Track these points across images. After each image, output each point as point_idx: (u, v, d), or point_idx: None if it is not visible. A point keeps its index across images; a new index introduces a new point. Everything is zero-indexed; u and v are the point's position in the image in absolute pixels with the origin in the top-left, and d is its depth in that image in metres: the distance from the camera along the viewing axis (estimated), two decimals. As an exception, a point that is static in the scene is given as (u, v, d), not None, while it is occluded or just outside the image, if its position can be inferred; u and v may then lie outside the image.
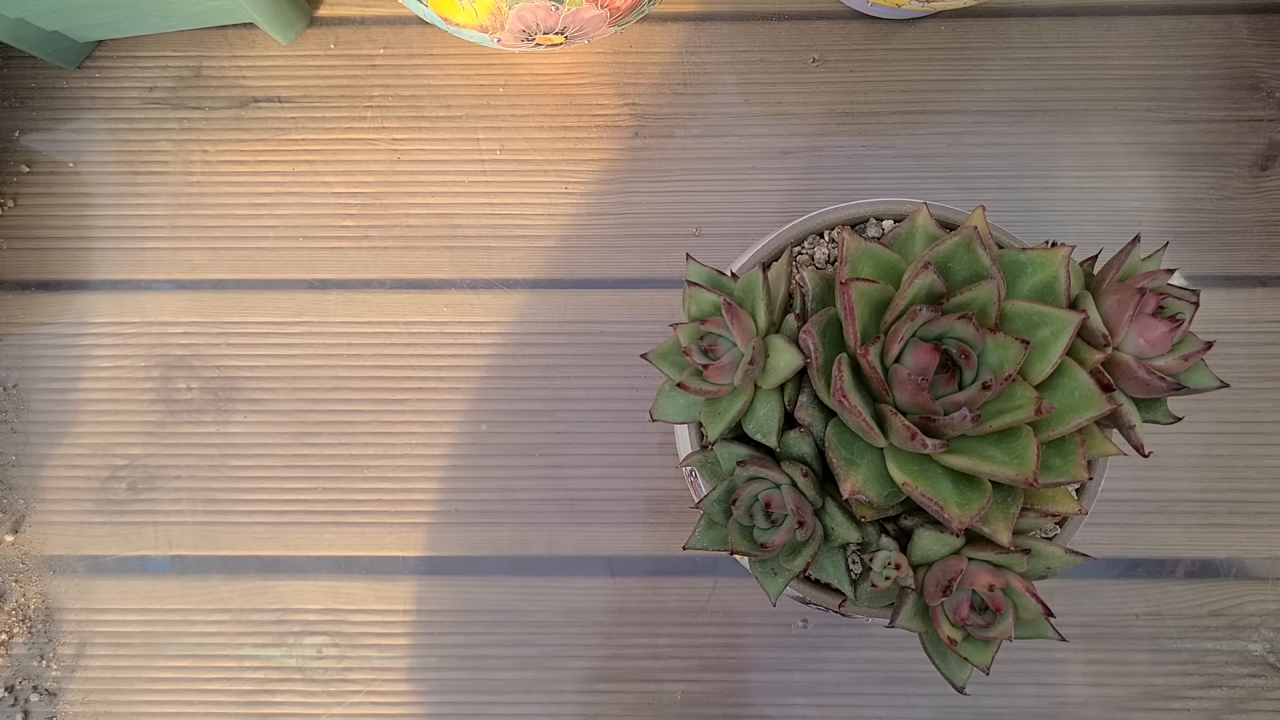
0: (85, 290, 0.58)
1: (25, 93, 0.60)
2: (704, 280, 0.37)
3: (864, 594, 0.36)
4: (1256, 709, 0.52)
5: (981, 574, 0.33)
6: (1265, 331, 0.56)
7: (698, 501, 0.37)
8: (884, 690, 0.53)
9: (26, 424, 0.56)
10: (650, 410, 0.39)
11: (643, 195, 0.58)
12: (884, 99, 0.59)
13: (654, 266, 0.57)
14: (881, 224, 0.43)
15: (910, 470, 0.32)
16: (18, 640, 0.54)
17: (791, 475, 0.35)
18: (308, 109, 0.59)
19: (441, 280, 0.57)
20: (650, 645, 0.54)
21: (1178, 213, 0.57)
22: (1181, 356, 0.33)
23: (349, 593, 0.54)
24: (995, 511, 0.33)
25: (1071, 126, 0.58)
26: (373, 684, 0.53)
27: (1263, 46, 0.59)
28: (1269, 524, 0.54)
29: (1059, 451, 0.33)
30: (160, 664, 0.54)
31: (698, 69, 0.59)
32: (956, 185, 0.58)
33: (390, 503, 0.55)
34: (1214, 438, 0.55)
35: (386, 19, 0.60)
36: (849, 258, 0.34)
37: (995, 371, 0.32)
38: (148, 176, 0.59)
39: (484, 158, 0.59)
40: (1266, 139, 0.58)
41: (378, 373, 0.56)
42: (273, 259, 0.58)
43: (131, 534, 0.55)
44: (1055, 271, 0.33)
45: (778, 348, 0.35)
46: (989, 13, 0.60)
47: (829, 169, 0.58)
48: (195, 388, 0.56)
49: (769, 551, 0.35)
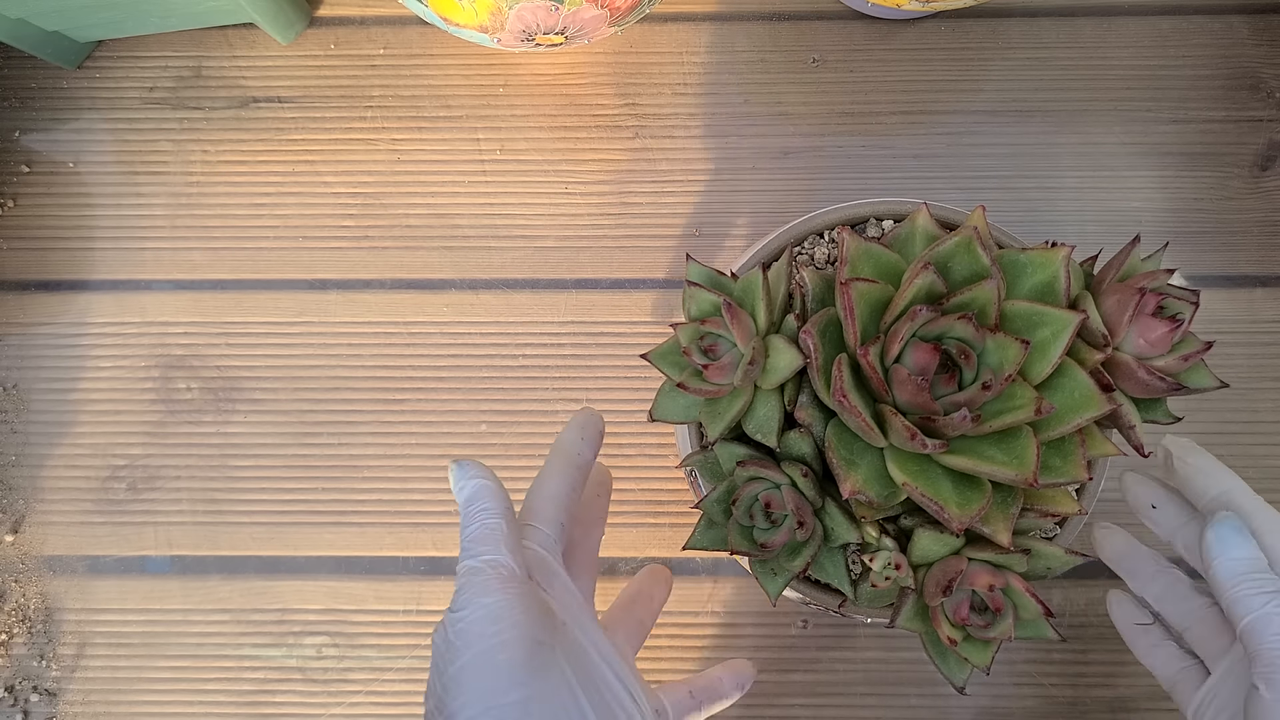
0: (85, 290, 0.58)
1: (25, 93, 0.60)
2: (704, 280, 0.37)
3: (864, 594, 0.36)
4: (1256, 709, 0.52)
5: (981, 574, 0.33)
6: (1265, 332, 0.56)
7: (697, 501, 0.37)
8: (884, 690, 0.53)
9: (26, 424, 0.56)
10: (650, 410, 0.39)
11: (643, 195, 0.58)
12: (884, 99, 0.59)
13: (654, 267, 0.57)
14: (882, 224, 0.43)
15: (910, 470, 0.32)
16: (18, 640, 0.54)
17: (791, 475, 0.35)
18: (308, 109, 0.59)
19: (441, 280, 0.57)
20: (650, 645, 0.53)
21: (1178, 213, 0.57)
22: (1181, 356, 0.33)
23: (349, 593, 0.54)
24: (995, 512, 0.33)
25: (1071, 126, 0.58)
26: (373, 684, 0.53)
27: (1263, 46, 0.59)
28: (1269, 524, 0.54)
29: (1059, 452, 0.33)
30: (160, 664, 0.54)
31: (698, 69, 0.59)
32: (956, 185, 0.58)
33: (390, 503, 0.55)
34: (1214, 438, 0.55)
35: (386, 19, 0.60)
36: (849, 258, 0.34)
37: (995, 371, 0.32)
38: (148, 176, 0.59)
39: (484, 158, 0.59)
40: (1266, 139, 0.58)
41: (378, 373, 0.56)
42: (273, 259, 0.58)
43: (131, 534, 0.55)
44: (1055, 271, 0.33)
45: (778, 348, 0.35)
46: (989, 13, 0.60)
47: (829, 169, 0.58)
48: (195, 388, 0.56)
49: (769, 552, 0.35)
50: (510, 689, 0.32)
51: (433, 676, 0.34)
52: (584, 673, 0.35)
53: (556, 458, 0.40)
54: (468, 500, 0.37)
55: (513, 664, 0.32)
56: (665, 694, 0.41)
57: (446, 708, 0.32)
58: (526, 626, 0.33)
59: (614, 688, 0.35)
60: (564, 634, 0.35)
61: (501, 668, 0.32)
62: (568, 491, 0.39)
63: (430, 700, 0.34)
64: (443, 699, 0.33)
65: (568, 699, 0.33)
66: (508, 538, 0.35)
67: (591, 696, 0.34)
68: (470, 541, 0.36)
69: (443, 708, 0.33)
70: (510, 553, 0.35)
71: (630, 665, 0.38)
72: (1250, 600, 0.35)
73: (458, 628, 0.33)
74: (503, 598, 0.34)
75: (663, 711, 0.39)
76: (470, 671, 0.32)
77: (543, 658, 0.33)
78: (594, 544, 0.42)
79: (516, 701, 0.32)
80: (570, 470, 0.40)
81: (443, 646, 0.34)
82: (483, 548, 0.35)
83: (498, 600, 0.33)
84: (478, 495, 0.37)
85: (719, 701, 0.43)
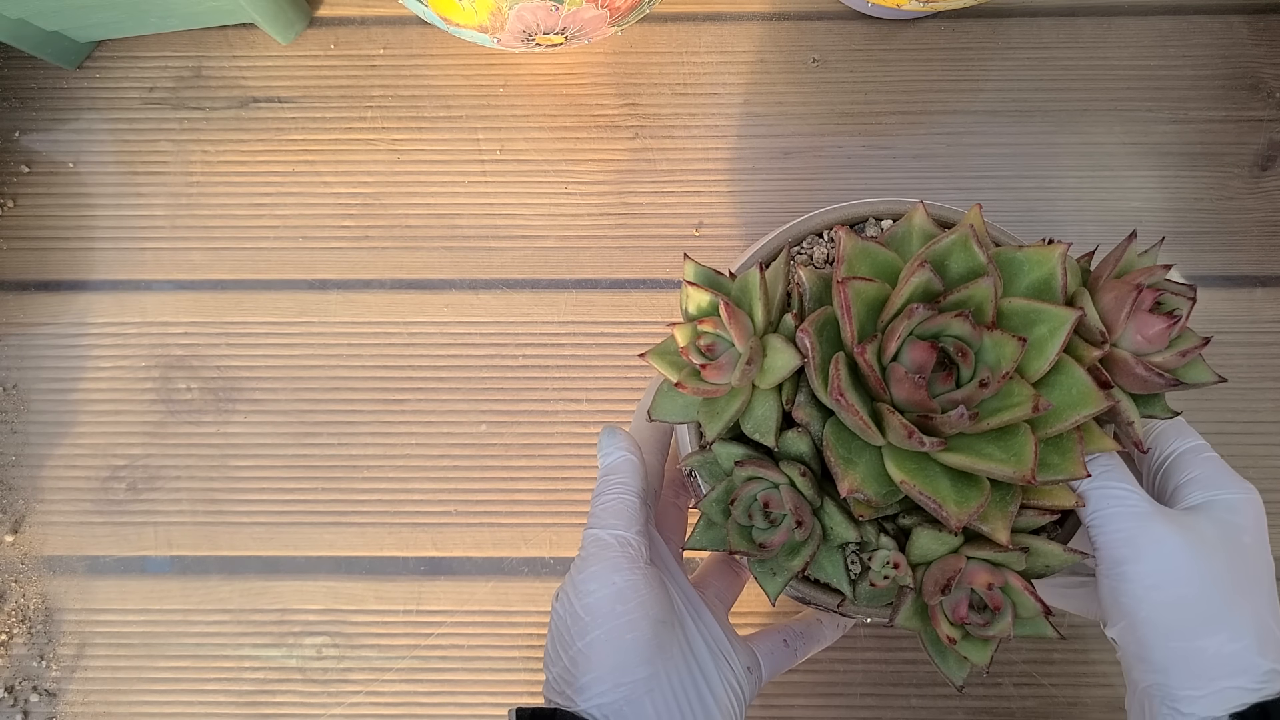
0: (85, 290, 0.58)
1: (25, 93, 0.60)
2: (701, 280, 0.37)
3: (863, 593, 0.36)
4: (1257, 709, 0.52)
5: (980, 572, 0.33)
6: (1265, 331, 0.56)
7: (696, 501, 0.37)
8: (884, 690, 0.53)
9: (26, 424, 0.56)
10: (649, 410, 0.39)
11: (643, 195, 0.58)
12: (884, 99, 0.59)
13: (654, 267, 0.57)
14: (880, 224, 0.43)
15: (908, 469, 0.32)
16: (18, 640, 0.54)
17: (790, 475, 0.35)
18: (308, 109, 0.59)
19: (441, 280, 0.57)
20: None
21: (1178, 213, 0.57)
22: (1179, 352, 0.33)
23: (349, 593, 0.54)
24: (993, 509, 0.33)
25: (1071, 126, 0.58)
26: (373, 684, 0.53)
27: (1263, 46, 0.59)
28: (1268, 524, 0.53)
29: (1057, 449, 0.33)
30: (160, 664, 0.54)
31: (698, 69, 0.59)
32: (956, 185, 0.58)
33: (390, 503, 0.55)
34: (1214, 437, 0.54)
35: (386, 19, 0.60)
36: (846, 257, 0.34)
37: (993, 369, 0.32)
38: (148, 176, 0.59)
39: (484, 158, 0.59)
40: (1266, 139, 0.58)
41: (378, 373, 0.56)
42: (273, 259, 0.58)
43: (131, 534, 0.55)
44: (1052, 268, 0.33)
45: (775, 347, 0.35)
46: (989, 13, 0.60)
47: (829, 169, 0.58)
48: (195, 388, 0.56)
49: (768, 551, 0.35)
50: (637, 666, 0.35)
51: (554, 644, 0.37)
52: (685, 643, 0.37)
53: (640, 428, 0.42)
54: (608, 470, 0.39)
55: (638, 643, 0.35)
56: (759, 642, 0.42)
57: (577, 680, 0.35)
58: (652, 606, 0.36)
59: (700, 653, 0.38)
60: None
61: (629, 646, 0.35)
62: (656, 454, 0.42)
63: (554, 668, 0.37)
64: (571, 670, 0.35)
65: (685, 673, 0.36)
66: (639, 517, 0.38)
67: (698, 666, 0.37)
68: (603, 511, 0.38)
69: (571, 679, 0.35)
70: (639, 534, 0.38)
71: (722, 621, 0.40)
72: (1100, 505, 0.35)
73: (586, 602, 0.36)
74: (630, 577, 0.36)
75: (754, 667, 0.40)
76: (599, 647, 0.35)
77: (664, 636, 0.36)
78: (685, 505, 0.45)
79: (643, 679, 0.35)
80: (658, 433, 0.42)
81: (569, 619, 0.36)
82: (615, 521, 0.37)
83: (626, 579, 0.36)
84: (619, 468, 0.39)
85: (817, 644, 0.45)
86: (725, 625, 0.40)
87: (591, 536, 0.38)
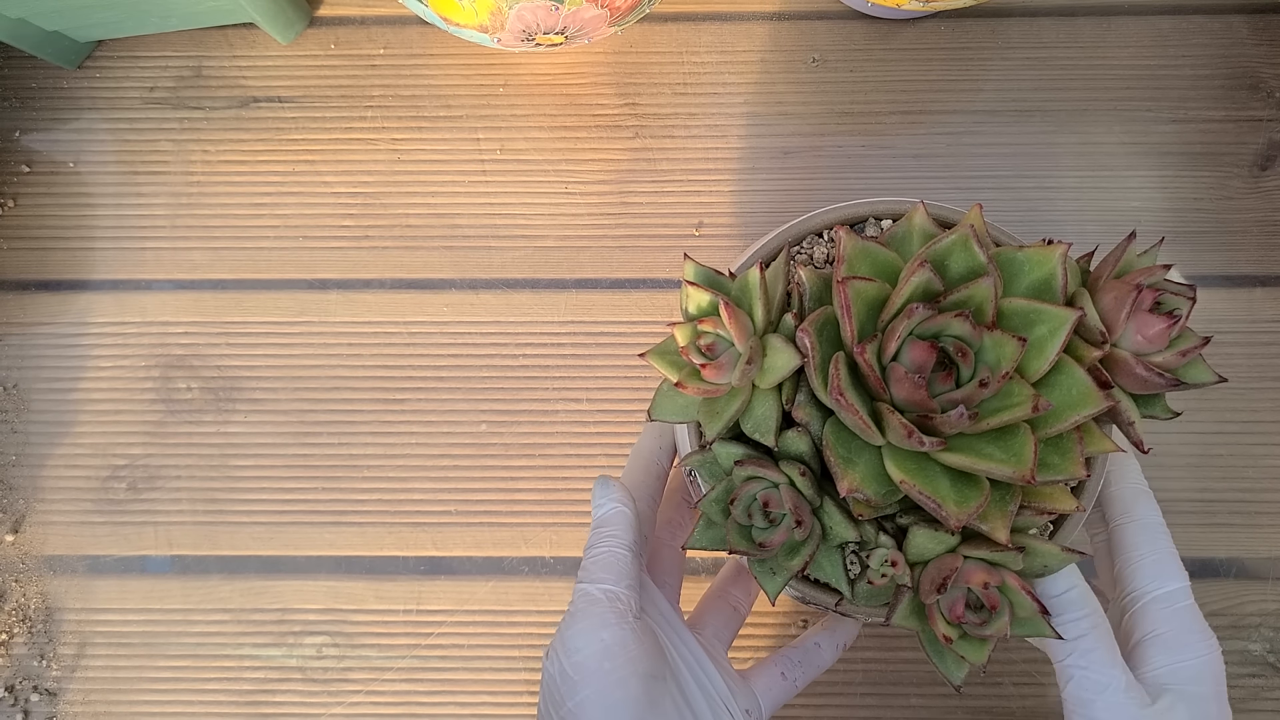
0: (85, 290, 0.58)
1: (25, 93, 0.60)
2: (701, 280, 0.37)
3: (861, 592, 0.36)
4: (1256, 709, 0.52)
5: (976, 571, 0.33)
6: (1265, 331, 0.56)
7: (696, 501, 0.37)
8: (884, 690, 0.53)
9: (26, 424, 0.56)
10: (649, 410, 0.39)
11: (643, 195, 0.58)
12: (884, 99, 0.59)
13: (654, 266, 0.57)
14: (880, 223, 0.43)
15: (908, 468, 0.32)
16: (18, 640, 0.54)
17: (789, 474, 0.35)
18: (308, 109, 0.59)
19: (441, 280, 0.57)
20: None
21: (1177, 213, 0.57)
22: (1179, 352, 0.33)
23: (349, 593, 0.54)
24: (993, 509, 0.33)
25: (1071, 126, 0.58)
26: (373, 684, 0.53)
27: (1263, 46, 0.59)
28: (1269, 524, 0.54)
29: (1057, 449, 0.33)
30: (160, 664, 0.54)
31: (698, 69, 0.59)
32: (956, 185, 0.58)
33: (390, 503, 0.55)
34: (1213, 437, 0.55)
35: (386, 19, 0.60)
36: (846, 256, 0.34)
37: (992, 369, 0.32)
38: (148, 176, 0.59)
39: (484, 158, 0.59)
40: (1266, 139, 0.58)
41: (378, 373, 0.56)
42: (273, 259, 0.58)
43: (131, 534, 0.55)
44: (1052, 268, 0.33)
45: (775, 347, 0.35)
46: (989, 13, 0.60)
47: (829, 169, 0.58)
48: (195, 388, 0.57)
49: (767, 551, 0.35)
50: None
51: (545, 704, 0.36)
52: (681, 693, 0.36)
53: (637, 465, 0.41)
54: (601, 521, 0.38)
55: (628, 700, 0.34)
56: (757, 679, 0.41)
57: None
58: (641, 662, 0.35)
59: (697, 704, 0.37)
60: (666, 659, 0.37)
61: (618, 705, 0.34)
62: (648, 500, 0.41)
63: None
64: None
65: None
66: (630, 572, 0.37)
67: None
68: (593, 564, 0.37)
69: None
70: (629, 588, 0.37)
71: (720, 663, 0.40)
72: (1083, 691, 0.36)
73: (575, 660, 0.35)
74: (619, 632, 0.35)
75: (754, 709, 0.39)
76: (589, 707, 0.34)
77: (656, 691, 0.35)
78: (679, 545, 0.44)
79: None
80: (651, 479, 0.41)
81: (559, 678, 0.35)
82: (605, 575, 0.37)
83: (614, 635, 0.35)
84: (611, 519, 0.38)
85: (816, 671, 0.43)
86: (724, 668, 0.40)
87: (581, 591, 0.37)
